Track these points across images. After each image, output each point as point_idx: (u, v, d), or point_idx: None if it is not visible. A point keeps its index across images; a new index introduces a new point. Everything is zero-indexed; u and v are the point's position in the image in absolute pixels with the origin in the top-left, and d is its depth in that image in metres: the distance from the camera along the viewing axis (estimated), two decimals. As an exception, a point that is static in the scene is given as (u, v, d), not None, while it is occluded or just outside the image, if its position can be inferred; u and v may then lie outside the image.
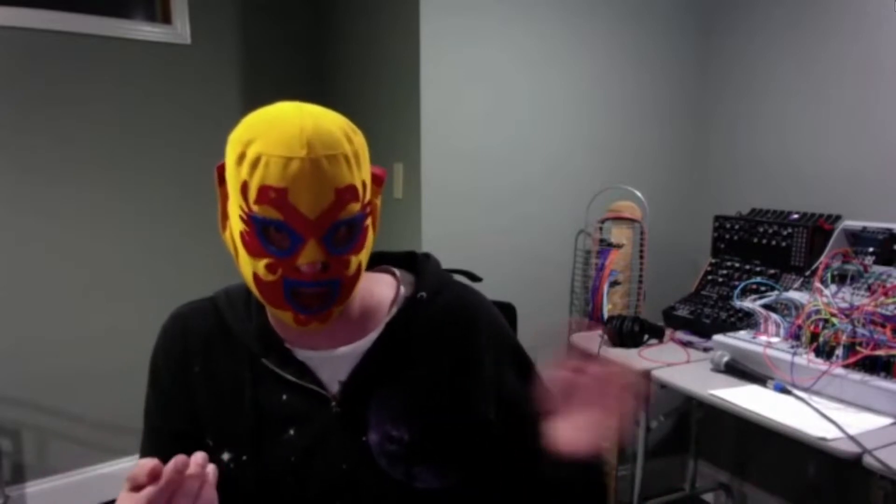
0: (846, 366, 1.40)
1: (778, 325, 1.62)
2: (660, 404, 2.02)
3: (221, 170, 0.77)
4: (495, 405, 0.87)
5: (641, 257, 2.14)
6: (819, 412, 1.34)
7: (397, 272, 0.94)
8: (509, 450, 0.85)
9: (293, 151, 0.68)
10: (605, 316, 2.06)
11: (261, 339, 0.84)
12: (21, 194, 2.26)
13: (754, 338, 1.63)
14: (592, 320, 2.18)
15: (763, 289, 1.79)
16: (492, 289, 1.01)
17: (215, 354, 0.86)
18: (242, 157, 0.70)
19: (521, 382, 0.90)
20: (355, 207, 0.74)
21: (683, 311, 1.98)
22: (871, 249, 1.66)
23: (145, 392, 0.88)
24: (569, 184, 2.21)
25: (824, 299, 1.52)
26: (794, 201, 2.04)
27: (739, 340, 1.63)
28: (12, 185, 2.24)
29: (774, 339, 1.60)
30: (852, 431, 1.24)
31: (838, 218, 1.86)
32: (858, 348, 1.39)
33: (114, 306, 2.44)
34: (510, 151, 2.11)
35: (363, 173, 0.76)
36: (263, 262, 0.73)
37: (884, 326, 1.39)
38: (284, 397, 0.82)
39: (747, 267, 1.98)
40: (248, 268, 0.75)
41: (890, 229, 1.65)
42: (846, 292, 1.57)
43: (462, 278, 1.00)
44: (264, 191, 0.69)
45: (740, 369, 1.56)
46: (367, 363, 0.83)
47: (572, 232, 2.24)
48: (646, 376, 1.74)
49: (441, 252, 1.01)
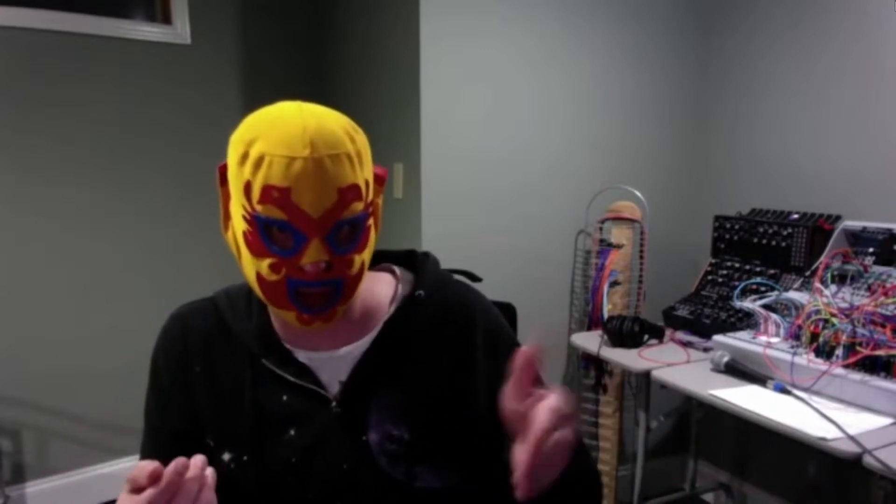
0: (846, 366, 1.40)
1: (778, 326, 1.62)
2: (660, 404, 2.01)
3: (223, 170, 0.77)
4: (490, 403, 0.87)
5: (641, 257, 2.14)
6: (819, 412, 1.34)
7: (397, 270, 0.94)
8: (506, 448, 0.85)
9: (296, 151, 0.68)
10: (605, 316, 2.06)
11: (261, 340, 0.84)
12: (21, 194, 2.26)
13: (754, 338, 1.63)
14: (592, 320, 2.18)
15: (763, 289, 1.79)
16: (492, 289, 1.01)
17: (215, 355, 0.86)
18: (245, 157, 0.70)
19: None
20: (358, 207, 0.74)
21: (683, 312, 1.98)
22: (871, 249, 1.66)
23: (145, 392, 0.88)
24: (569, 184, 2.21)
25: (824, 299, 1.52)
26: (794, 201, 2.04)
27: (739, 340, 1.63)
28: (12, 185, 2.24)
29: (774, 340, 1.60)
30: (852, 431, 1.24)
31: (838, 218, 1.86)
32: (858, 348, 1.39)
33: (114, 306, 2.44)
34: (510, 151, 2.11)
35: (366, 172, 0.76)
36: (267, 262, 0.73)
37: (884, 326, 1.39)
38: (285, 397, 0.82)
39: (747, 267, 1.98)
40: (252, 268, 0.75)
41: (890, 229, 1.65)
42: (846, 292, 1.57)
43: (462, 278, 1.00)
44: (267, 190, 0.69)
45: (740, 369, 1.56)
46: (366, 363, 0.83)
47: (572, 232, 2.24)
48: (646, 376, 1.74)
49: (441, 252, 1.01)
